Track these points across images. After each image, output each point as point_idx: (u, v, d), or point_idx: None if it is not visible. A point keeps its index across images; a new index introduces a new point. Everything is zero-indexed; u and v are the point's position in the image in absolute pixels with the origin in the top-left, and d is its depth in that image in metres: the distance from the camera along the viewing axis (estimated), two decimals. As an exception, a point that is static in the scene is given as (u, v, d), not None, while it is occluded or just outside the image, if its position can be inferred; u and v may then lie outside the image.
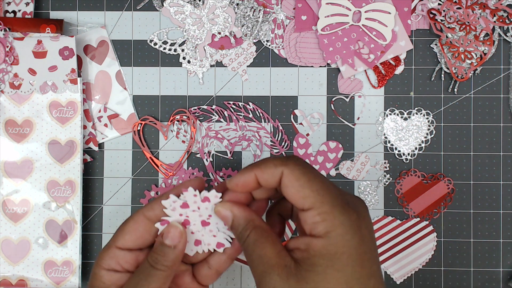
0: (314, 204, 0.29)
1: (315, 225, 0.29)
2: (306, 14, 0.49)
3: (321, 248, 0.29)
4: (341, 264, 0.28)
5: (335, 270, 0.28)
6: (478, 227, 0.49)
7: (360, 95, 0.50)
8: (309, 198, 0.30)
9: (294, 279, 0.29)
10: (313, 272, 0.29)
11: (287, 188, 0.30)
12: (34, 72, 0.48)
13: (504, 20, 0.49)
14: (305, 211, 0.30)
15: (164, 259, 0.33)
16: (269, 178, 0.31)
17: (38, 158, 0.48)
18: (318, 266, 0.29)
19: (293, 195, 0.30)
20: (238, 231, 0.32)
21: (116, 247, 0.34)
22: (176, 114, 0.50)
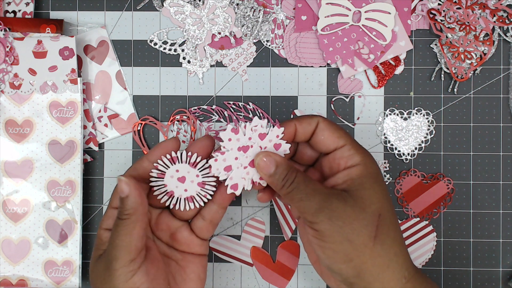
0: (347, 141, 0.37)
1: (351, 156, 0.37)
2: (306, 14, 0.49)
3: (363, 171, 0.36)
4: (379, 180, 0.37)
5: (378, 185, 0.36)
6: (478, 227, 0.49)
7: (360, 95, 0.50)
8: (343, 137, 0.37)
9: (351, 199, 0.35)
10: (364, 190, 0.35)
11: (324, 131, 0.37)
12: (34, 72, 0.48)
13: (504, 20, 0.49)
14: (338, 149, 0.37)
15: (123, 208, 0.35)
16: (307, 126, 0.38)
17: (38, 158, 0.48)
18: (366, 183, 0.36)
19: (330, 136, 0.37)
20: (284, 174, 0.36)
21: (111, 207, 0.38)
22: (176, 114, 0.50)
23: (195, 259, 0.41)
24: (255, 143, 0.37)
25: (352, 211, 0.34)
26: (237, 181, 0.37)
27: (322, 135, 0.37)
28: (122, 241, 0.35)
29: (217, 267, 0.50)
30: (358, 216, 0.34)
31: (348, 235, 0.34)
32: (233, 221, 0.50)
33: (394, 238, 0.36)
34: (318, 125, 0.37)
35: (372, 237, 0.34)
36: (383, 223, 0.35)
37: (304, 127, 0.37)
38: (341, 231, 0.34)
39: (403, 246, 0.36)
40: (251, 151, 0.37)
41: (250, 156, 0.37)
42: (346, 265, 0.35)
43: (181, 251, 0.41)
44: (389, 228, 0.36)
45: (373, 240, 0.34)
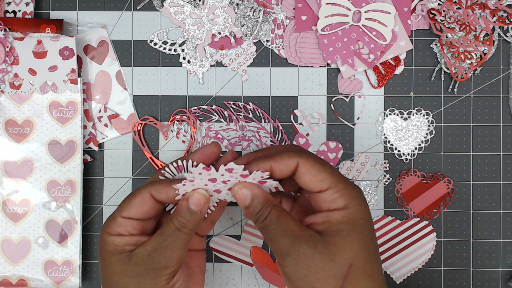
0: (331, 184, 0.34)
1: (334, 200, 0.34)
2: (306, 14, 0.49)
3: (343, 217, 0.34)
4: (361, 227, 0.34)
5: (357, 233, 0.33)
6: (478, 227, 0.49)
7: (360, 95, 0.50)
8: (326, 180, 0.34)
9: (322, 245, 0.33)
10: (339, 236, 0.33)
11: (305, 175, 0.34)
12: (34, 72, 0.48)
13: (504, 20, 0.49)
14: (322, 192, 0.34)
15: (190, 223, 0.35)
16: (284, 168, 0.35)
17: (38, 158, 0.48)
18: (343, 231, 0.33)
19: (311, 180, 0.34)
20: (258, 209, 0.35)
21: (121, 216, 0.37)
22: (176, 114, 0.50)
23: (196, 254, 0.41)
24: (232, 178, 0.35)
25: (320, 259, 0.33)
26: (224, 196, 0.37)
27: (303, 179, 0.35)
28: (178, 253, 0.35)
29: (217, 267, 0.50)
30: (325, 266, 0.33)
31: (313, 283, 0.33)
32: (233, 221, 0.50)
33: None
34: (298, 168, 0.35)
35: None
36: (354, 274, 0.33)
37: (281, 168, 0.35)
38: (305, 278, 0.33)
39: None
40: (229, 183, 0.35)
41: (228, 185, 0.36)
42: None
43: None
44: (360, 278, 0.33)
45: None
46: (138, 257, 0.36)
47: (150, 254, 0.35)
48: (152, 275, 0.35)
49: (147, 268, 0.35)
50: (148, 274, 0.35)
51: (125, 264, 0.36)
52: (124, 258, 0.36)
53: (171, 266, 0.35)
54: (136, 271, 0.35)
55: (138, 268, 0.35)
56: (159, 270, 0.35)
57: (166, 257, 0.35)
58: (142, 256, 0.35)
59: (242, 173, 0.34)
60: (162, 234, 0.36)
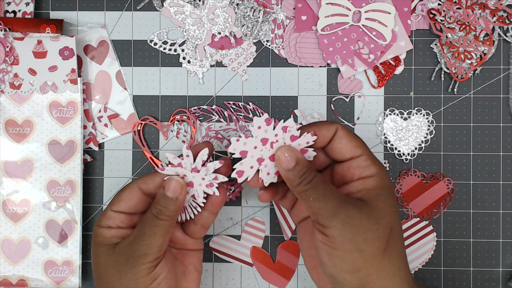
0: (364, 151, 0.37)
1: (367, 167, 0.36)
2: (306, 14, 0.49)
3: (379, 183, 0.36)
4: (392, 194, 0.37)
5: (392, 198, 0.36)
6: (478, 227, 0.49)
7: (360, 95, 0.50)
8: (360, 147, 0.37)
9: (367, 209, 0.34)
10: (380, 201, 0.35)
11: (342, 139, 0.37)
12: (34, 72, 0.48)
13: (504, 20, 0.49)
14: (355, 158, 0.37)
15: (166, 210, 0.36)
16: (326, 133, 0.37)
17: (38, 158, 0.48)
18: (382, 195, 0.35)
19: (347, 144, 0.37)
20: (303, 171, 0.36)
21: (111, 210, 0.38)
22: (176, 114, 0.50)
23: (190, 253, 0.42)
24: (280, 140, 0.37)
25: (367, 220, 0.34)
26: (244, 169, 0.37)
27: (339, 143, 0.37)
28: (157, 240, 0.36)
29: (217, 267, 0.50)
30: (372, 227, 0.34)
31: (360, 245, 0.33)
32: (233, 221, 0.50)
33: (400, 252, 0.36)
34: (336, 133, 0.37)
35: (382, 250, 0.34)
36: (393, 237, 0.35)
37: (323, 133, 0.37)
38: (353, 239, 0.33)
39: (406, 260, 0.37)
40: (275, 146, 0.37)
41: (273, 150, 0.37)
42: (352, 275, 0.34)
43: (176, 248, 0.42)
44: (397, 242, 0.36)
45: (382, 253, 0.34)
46: (120, 248, 0.36)
47: (130, 243, 0.36)
48: (132, 263, 0.35)
49: (127, 257, 0.36)
50: (128, 262, 0.36)
51: (109, 255, 0.37)
52: (109, 250, 0.37)
53: (150, 253, 0.36)
54: (118, 261, 0.36)
55: (120, 258, 0.36)
56: (138, 258, 0.35)
57: (144, 244, 0.35)
58: (124, 246, 0.36)
59: (293, 134, 0.36)
60: (142, 223, 0.37)
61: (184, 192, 0.37)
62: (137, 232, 0.36)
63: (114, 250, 0.37)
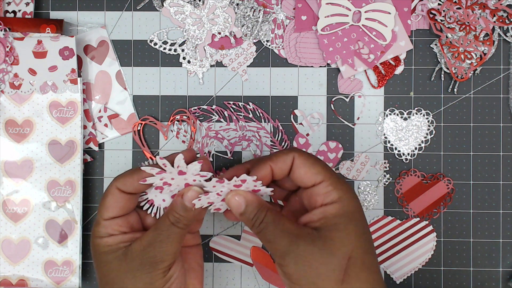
0: (325, 177, 0.35)
1: (328, 193, 0.35)
2: (306, 14, 0.49)
3: (338, 210, 0.34)
4: (356, 220, 0.35)
5: (353, 226, 0.34)
6: (478, 227, 0.49)
7: (360, 95, 0.50)
8: (321, 173, 0.36)
9: (320, 241, 0.33)
10: (336, 230, 0.34)
11: (300, 168, 0.36)
12: (34, 72, 0.48)
13: (504, 20, 0.49)
14: (316, 185, 0.36)
15: (184, 218, 0.36)
16: (283, 165, 0.36)
17: (38, 158, 0.48)
18: (339, 225, 0.34)
19: (306, 173, 0.36)
20: (253, 214, 0.35)
21: (103, 219, 0.37)
22: (176, 114, 0.50)
23: (192, 249, 0.42)
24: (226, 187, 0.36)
25: (320, 254, 0.33)
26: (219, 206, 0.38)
27: (299, 173, 0.36)
28: (174, 247, 0.36)
29: (217, 267, 0.50)
30: (325, 260, 0.33)
31: (314, 279, 0.33)
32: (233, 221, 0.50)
33: (365, 280, 0.34)
34: (293, 162, 0.36)
35: (339, 281, 0.33)
36: (353, 266, 0.34)
37: (279, 167, 0.36)
38: (306, 275, 0.33)
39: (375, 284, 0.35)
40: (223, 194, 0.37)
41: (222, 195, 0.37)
42: None
43: None
44: (360, 270, 0.34)
45: (340, 284, 0.33)
46: (133, 252, 0.36)
47: (145, 248, 0.36)
48: (148, 269, 0.36)
49: (142, 262, 0.36)
50: (143, 268, 0.36)
51: (121, 260, 0.36)
52: (120, 255, 0.37)
53: (166, 260, 0.36)
54: (132, 266, 0.36)
55: (134, 263, 0.36)
56: (155, 264, 0.36)
57: (161, 251, 0.36)
58: (137, 251, 0.36)
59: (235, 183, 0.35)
60: (157, 229, 0.36)
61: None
62: (153, 239, 0.36)
63: (127, 256, 0.36)
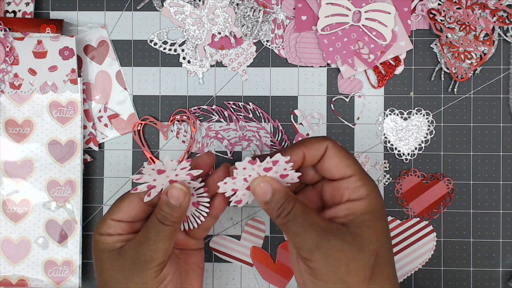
0: (355, 171, 0.35)
1: (357, 189, 0.35)
2: (306, 14, 0.49)
3: (367, 207, 0.34)
4: (381, 217, 0.35)
5: (380, 223, 0.34)
6: (478, 227, 0.49)
7: (360, 95, 0.50)
8: (351, 166, 0.35)
9: (350, 237, 0.33)
10: (365, 227, 0.34)
11: (332, 158, 0.35)
12: (34, 72, 0.48)
13: (504, 20, 0.49)
14: (345, 178, 0.35)
15: (171, 216, 0.36)
16: (316, 152, 0.35)
17: (38, 158, 0.48)
18: (367, 221, 0.34)
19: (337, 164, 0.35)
20: (280, 203, 0.34)
21: (111, 219, 0.37)
22: (176, 114, 0.50)
23: (193, 252, 0.42)
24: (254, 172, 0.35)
25: (350, 250, 0.33)
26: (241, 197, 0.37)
27: (329, 163, 0.35)
28: (162, 245, 0.36)
29: (217, 267, 0.50)
30: (355, 257, 0.33)
31: (343, 276, 0.33)
32: (233, 221, 0.50)
33: (388, 277, 0.35)
34: (326, 151, 0.35)
35: (367, 278, 0.33)
36: (380, 263, 0.34)
37: (312, 153, 0.35)
38: (336, 271, 0.33)
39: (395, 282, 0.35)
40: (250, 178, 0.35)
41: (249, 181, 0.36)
42: None
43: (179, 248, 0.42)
44: (385, 267, 0.34)
45: (367, 282, 0.33)
46: (125, 252, 0.36)
47: (135, 247, 0.36)
48: (139, 268, 0.36)
49: (133, 261, 0.36)
50: (135, 267, 0.36)
51: (114, 260, 0.36)
52: (114, 255, 0.37)
53: (156, 258, 0.36)
54: (124, 265, 0.36)
55: (126, 262, 0.36)
56: (145, 262, 0.35)
57: (150, 249, 0.36)
58: (129, 250, 0.36)
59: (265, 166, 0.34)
60: (146, 227, 0.37)
61: (187, 198, 0.36)
62: (143, 237, 0.36)
63: (119, 255, 0.37)
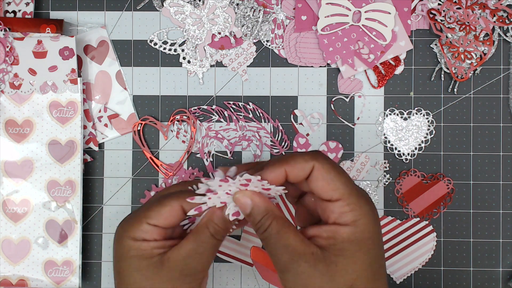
0: (343, 195, 0.32)
1: (343, 214, 0.32)
2: (306, 14, 0.49)
3: (350, 235, 0.32)
4: (367, 248, 0.32)
5: (362, 254, 0.32)
6: (478, 227, 0.49)
7: (360, 95, 0.50)
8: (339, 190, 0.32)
9: (323, 264, 0.31)
10: (342, 256, 0.31)
11: (318, 181, 0.32)
12: (34, 72, 0.48)
13: (504, 20, 0.49)
14: (332, 202, 0.32)
15: (224, 231, 0.35)
16: (299, 172, 0.33)
17: (38, 158, 0.48)
18: (347, 251, 0.31)
19: (323, 187, 0.32)
20: (257, 219, 0.33)
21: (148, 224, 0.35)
22: (176, 114, 0.50)
23: None
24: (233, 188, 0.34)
25: (320, 278, 0.31)
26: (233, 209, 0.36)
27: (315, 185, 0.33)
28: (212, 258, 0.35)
29: (217, 267, 0.50)
30: (324, 285, 0.31)
31: None
32: (233, 221, 0.50)
33: None
34: (312, 172, 0.33)
35: None
36: None
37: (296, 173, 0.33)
38: None
39: None
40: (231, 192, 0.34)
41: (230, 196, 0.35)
42: None
43: None
44: None
45: None
46: (172, 262, 0.35)
47: (184, 259, 0.35)
48: (188, 279, 0.35)
49: (182, 273, 0.34)
50: (184, 278, 0.35)
51: (158, 269, 0.34)
52: (156, 262, 0.35)
53: (205, 270, 0.35)
54: (171, 276, 0.34)
55: (173, 273, 0.34)
56: (195, 275, 0.35)
57: (201, 262, 0.35)
58: (177, 261, 0.35)
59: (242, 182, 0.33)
60: (197, 241, 0.35)
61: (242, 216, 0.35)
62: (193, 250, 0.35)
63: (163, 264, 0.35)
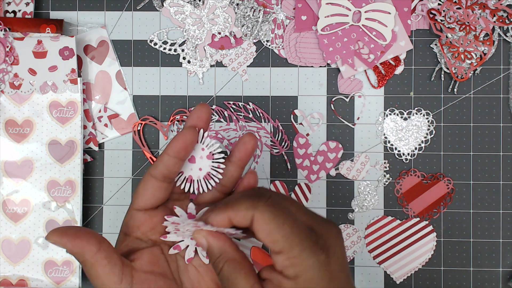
0: (283, 249, 0.30)
1: (284, 268, 0.30)
2: (306, 14, 0.49)
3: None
4: None
5: None
6: (478, 227, 0.49)
7: (360, 95, 0.50)
8: (279, 242, 0.30)
9: None
10: None
11: (258, 232, 0.30)
12: (34, 72, 0.48)
13: (504, 20, 0.49)
14: (275, 253, 0.30)
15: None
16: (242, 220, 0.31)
17: (38, 158, 0.48)
18: None
19: (263, 239, 0.30)
20: (212, 260, 0.33)
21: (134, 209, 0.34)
22: (176, 114, 0.50)
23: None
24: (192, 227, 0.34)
25: None
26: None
27: (256, 236, 0.31)
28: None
29: (217, 267, 0.50)
30: None
31: None
32: (233, 221, 0.50)
33: None
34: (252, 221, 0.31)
35: None
36: None
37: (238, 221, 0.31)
38: None
39: None
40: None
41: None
42: None
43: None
44: None
45: None
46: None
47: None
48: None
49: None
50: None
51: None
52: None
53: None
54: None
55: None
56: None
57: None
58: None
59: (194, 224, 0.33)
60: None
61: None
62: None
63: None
